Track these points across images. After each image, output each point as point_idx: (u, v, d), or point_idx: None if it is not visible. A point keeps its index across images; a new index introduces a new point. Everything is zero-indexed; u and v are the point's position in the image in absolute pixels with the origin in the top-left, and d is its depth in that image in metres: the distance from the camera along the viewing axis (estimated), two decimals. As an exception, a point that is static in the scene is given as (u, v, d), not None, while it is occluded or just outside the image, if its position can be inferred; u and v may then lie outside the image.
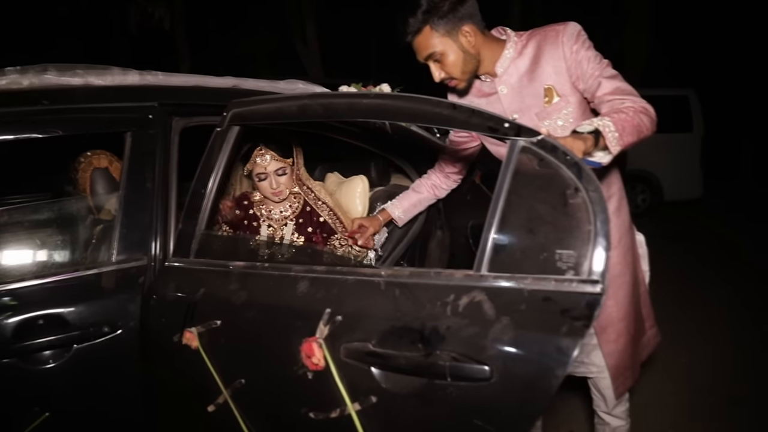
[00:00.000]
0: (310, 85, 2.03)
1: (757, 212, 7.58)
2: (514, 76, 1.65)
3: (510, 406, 0.99)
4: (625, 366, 1.83)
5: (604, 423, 1.97)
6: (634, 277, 1.84)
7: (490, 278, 1.04)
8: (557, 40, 1.57)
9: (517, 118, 1.67)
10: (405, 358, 1.07)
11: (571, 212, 1.02)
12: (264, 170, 1.94)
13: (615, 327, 1.79)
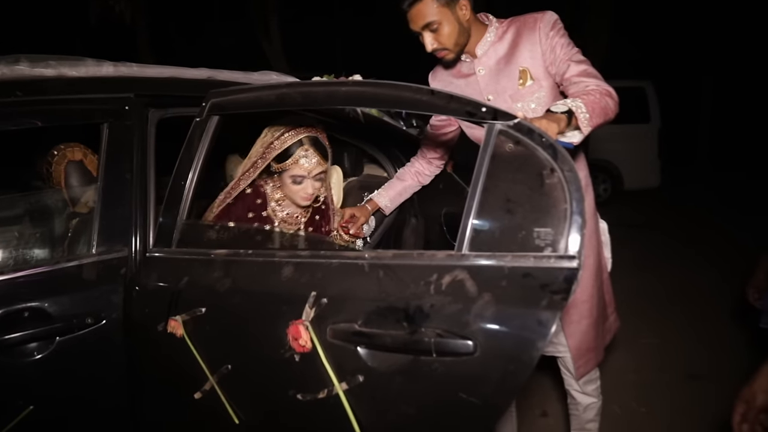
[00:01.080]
0: (283, 76, 2.01)
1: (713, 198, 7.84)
2: (492, 58, 1.70)
3: (493, 378, 1.01)
4: (587, 347, 1.87)
5: (576, 402, 2.03)
6: (597, 262, 1.89)
7: (472, 257, 1.06)
8: (535, 26, 1.63)
9: (492, 99, 1.71)
10: (390, 336, 1.08)
11: (547, 192, 1.04)
12: (305, 173, 1.74)
13: (578, 308, 1.84)
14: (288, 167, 1.75)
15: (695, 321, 3.66)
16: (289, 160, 1.74)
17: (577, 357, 1.87)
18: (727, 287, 3.90)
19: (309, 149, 1.73)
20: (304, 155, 1.73)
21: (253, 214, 1.78)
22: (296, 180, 1.76)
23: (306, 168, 1.74)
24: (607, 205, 6.72)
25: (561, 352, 1.89)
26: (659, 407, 2.69)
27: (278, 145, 1.72)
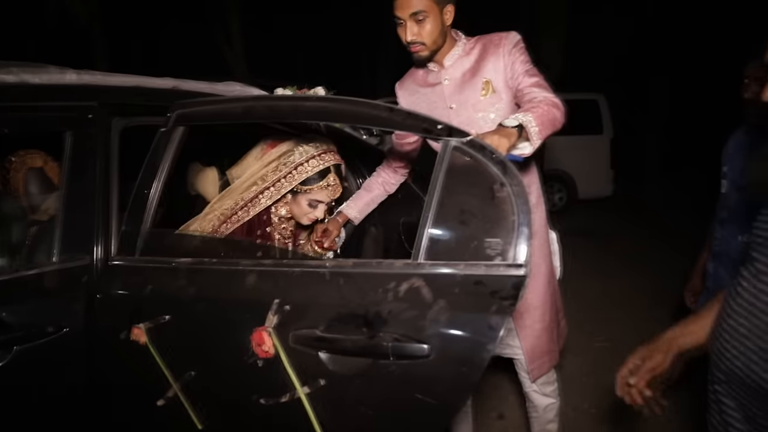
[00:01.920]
0: (247, 87, 2.02)
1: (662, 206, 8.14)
2: (458, 70, 1.78)
3: (447, 379, 1.07)
4: (541, 351, 1.94)
5: (535, 404, 2.09)
6: (549, 269, 1.97)
7: (427, 266, 1.12)
8: (500, 43, 1.73)
9: (455, 107, 1.79)
10: (350, 341, 1.13)
11: (497, 205, 1.11)
12: (326, 199, 1.76)
13: (531, 313, 1.91)
14: (311, 191, 1.74)
15: (643, 323, 3.78)
16: (314, 185, 1.73)
17: (531, 360, 1.94)
18: (673, 291, 4.08)
19: (336, 179, 1.75)
20: (332, 184, 1.75)
21: (260, 231, 1.77)
22: (312, 204, 1.76)
23: (328, 196, 1.76)
24: (561, 214, 6.91)
25: (518, 355, 1.95)
26: (608, 408, 2.79)
27: (309, 168, 1.71)
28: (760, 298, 1.04)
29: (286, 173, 1.72)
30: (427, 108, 1.85)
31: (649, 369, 1.22)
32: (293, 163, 1.71)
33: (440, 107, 1.81)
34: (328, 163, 1.73)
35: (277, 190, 1.74)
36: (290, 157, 1.72)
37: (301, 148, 1.72)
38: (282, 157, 1.73)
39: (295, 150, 1.72)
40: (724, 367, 1.11)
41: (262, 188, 1.73)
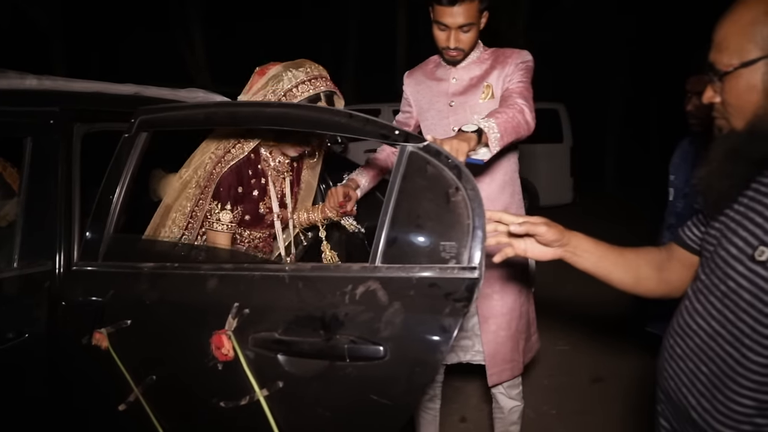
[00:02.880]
0: (210, 94, 2.02)
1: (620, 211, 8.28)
2: (468, 74, 1.86)
3: (402, 380, 1.08)
4: (503, 359, 1.95)
5: (500, 406, 2.11)
6: (522, 279, 2.00)
7: (384, 269, 1.13)
8: (511, 55, 1.84)
9: (454, 104, 1.86)
10: (308, 343, 1.13)
11: (452, 209, 1.13)
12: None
13: (497, 319, 1.93)
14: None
15: (602, 327, 3.87)
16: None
17: (491, 365, 1.95)
18: (629, 295, 4.14)
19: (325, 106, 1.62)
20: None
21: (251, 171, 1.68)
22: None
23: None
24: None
25: (480, 361, 1.98)
26: (567, 409, 2.85)
27: (298, 94, 1.58)
28: (694, 318, 1.03)
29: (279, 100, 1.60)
30: (428, 99, 1.94)
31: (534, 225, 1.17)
32: (282, 90, 1.58)
33: (441, 101, 1.89)
34: (319, 89, 1.61)
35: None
36: (279, 83, 1.60)
37: (290, 74, 1.60)
38: (270, 84, 1.61)
39: (283, 76, 1.61)
40: (662, 386, 1.12)
41: None
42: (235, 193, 1.64)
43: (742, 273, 0.92)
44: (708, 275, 1.02)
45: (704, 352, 0.99)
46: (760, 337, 0.89)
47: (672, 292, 1.21)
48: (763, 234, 0.90)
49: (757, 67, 0.88)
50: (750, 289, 0.91)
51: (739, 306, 0.92)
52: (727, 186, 0.96)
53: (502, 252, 1.20)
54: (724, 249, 0.98)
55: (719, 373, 0.95)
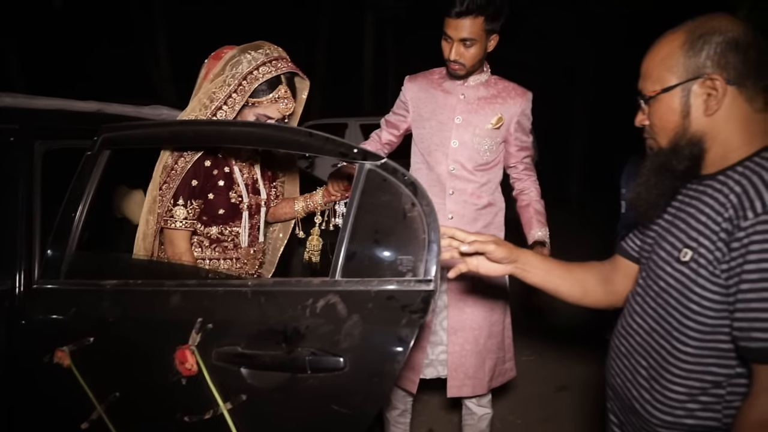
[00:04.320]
0: (173, 111, 2.02)
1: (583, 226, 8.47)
2: (475, 93, 1.95)
3: (361, 390, 1.11)
4: (465, 373, 1.99)
5: (471, 412, 2.15)
6: (498, 301, 2.06)
7: (343, 283, 1.16)
8: (523, 95, 1.99)
9: (460, 121, 1.93)
10: (270, 356, 1.16)
11: (409, 224, 1.17)
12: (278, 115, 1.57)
13: (464, 333, 1.98)
14: (258, 105, 1.55)
15: (566, 336, 3.92)
16: (263, 98, 1.54)
17: (452, 377, 1.98)
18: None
19: (287, 91, 1.56)
20: (283, 97, 1.56)
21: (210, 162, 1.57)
22: (260, 119, 1.56)
23: (279, 111, 1.57)
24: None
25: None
26: (533, 417, 2.91)
27: (259, 76, 1.50)
28: (634, 318, 1.12)
29: (235, 86, 1.51)
30: (431, 108, 1.99)
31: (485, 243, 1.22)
32: (241, 73, 1.50)
33: (446, 114, 1.96)
34: (281, 70, 1.54)
35: (231, 107, 1.51)
36: (237, 67, 1.51)
37: (249, 56, 1.52)
38: (228, 69, 1.52)
39: (242, 58, 1.52)
40: (610, 383, 1.19)
41: (214, 109, 1.51)
42: (189, 187, 1.55)
43: (670, 273, 1.03)
44: (644, 278, 1.12)
45: (643, 348, 1.08)
46: (686, 329, 0.99)
47: (618, 302, 1.28)
48: (686, 238, 1.01)
49: (675, 92, 1.00)
50: (677, 287, 1.01)
51: (669, 303, 1.02)
52: (654, 196, 1.07)
53: (456, 267, 1.26)
54: (656, 254, 1.08)
55: (656, 365, 1.04)
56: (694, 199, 1.03)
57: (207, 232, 1.62)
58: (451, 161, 1.96)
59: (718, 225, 0.95)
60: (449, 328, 1.99)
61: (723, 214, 0.95)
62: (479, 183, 2.00)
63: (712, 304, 0.95)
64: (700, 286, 0.96)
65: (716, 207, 0.97)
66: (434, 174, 1.99)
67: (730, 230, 0.92)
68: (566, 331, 4.07)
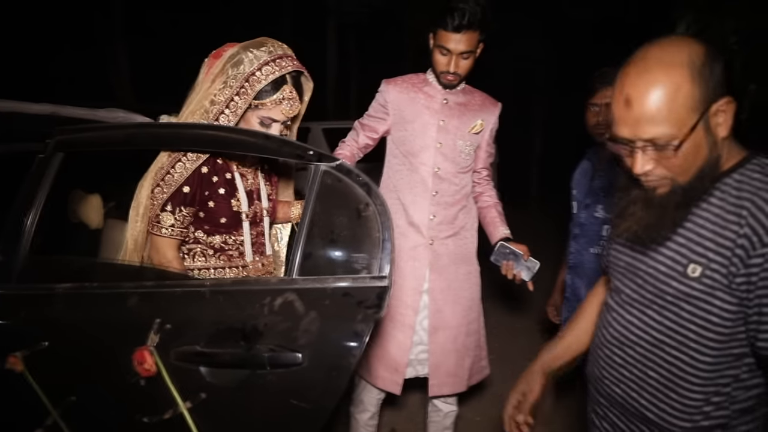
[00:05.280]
0: (130, 114, 2.01)
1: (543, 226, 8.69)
2: (456, 99, 2.04)
3: (319, 384, 1.15)
4: (446, 371, 2.05)
5: (438, 409, 2.20)
6: (474, 300, 2.14)
7: (300, 281, 1.20)
8: (496, 106, 2.12)
9: (443, 124, 2.02)
10: (229, 354, 1.18)
11: (363, 223, 1.22)
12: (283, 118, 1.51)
13: (445, 332, 2.04)
14: (262, 107, 1.47)
15: (524, 337, 4.05)
16: (267, 99, 1.46)
17: (433, 376, 2.04)
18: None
19: (292, 91, 1.49)
20: (288, 98, 1.48)
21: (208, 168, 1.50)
22: (264, 122, 1.49)
23: (283, 113, 1.49)
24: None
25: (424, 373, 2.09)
26: (492, 416, 2.95)
27: (262, 77, 1.43)
28: (630, 330, 1.13)
29: (237, 89, 1.43)
30: (414, 110, 2.03)
31: (532, 402, 1.32)
32: (243, 74, 1.42)
33: (429, 116, 2.02)
34: (285, 69, 1.46)
35: (234, 112, 1.45)
36: (239, 67, 1.43)
37: (251, 54, 1.44)
38: (228, 68, 1.45)
39: (243, 57, 1.44)
40: (604, 392, 1.21)
41: (216, 113, 1.44)
42: (180, 194, 1.47)
43: (677, 288, 1.04)
44: (636, 290, 1.13)
45: (650, 359, 1.10)
46: (705, 340, 1.02)
47: None
48: (690, 253, 1.02)
49: (699, 127, 0.96)
50: (690, 301, 1.02)
51: (681, 316, 1.04)
52: (670, 227, 1.04)
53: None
54: (651, 267, 1.09)
55: (670, 376, 1.07)
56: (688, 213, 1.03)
57: (210, 242, 1.55)
58: (436, 163, 2.03)
59: (732, 241, 0.97)
60: (430, 328, 2.05)
61: (738, 231, 0.96)
62: (460, 185, 2.08)
63: (731, 315, 0.99)
64: (719, 299, 0.99)
65: (726, 223, 0.98)
66: (418, 175, 2.04)
67: (748, 246, 0.95)
68: (527, 332, 4.18)
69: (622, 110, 0.98)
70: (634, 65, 0.98)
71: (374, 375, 2.09)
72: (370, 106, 2.14)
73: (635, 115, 0.96)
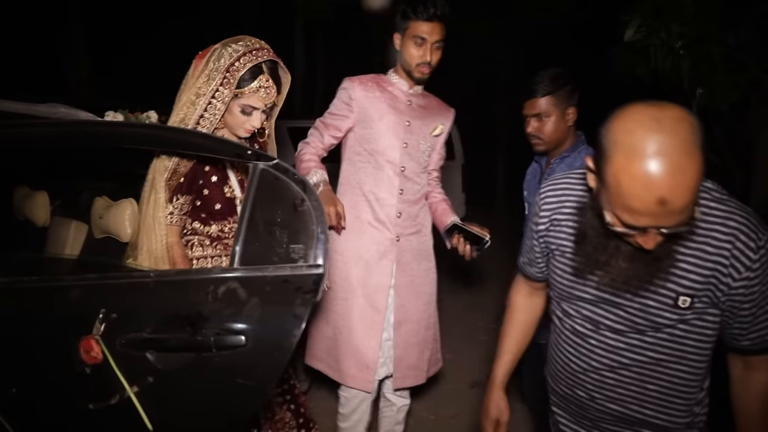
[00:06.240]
0: (72, 109, 1.98)
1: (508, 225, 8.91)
2: (417, 101, 2.18)
3: (262, 363, 1.26)
4: (408, 364, 2.15)
5: (391, 403, 2.30)
6: (433, 296, 2.26)
7: (242, 270, 1.30)
8: (450, 112, 2.28)
9: (409, 124, 2.12)
10: (176, 339, 1.27)
11: (299, 217, 1.34)
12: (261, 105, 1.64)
13: (408, 326, 2.14)
14: (242, 95, 1.59)
15: (482, 335, 4.15)
16: (245, 88, 1.58)
17: (397, 369, 2.14)
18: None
19: (269, 80, 1.62)
20: (265, 86, 1.60)
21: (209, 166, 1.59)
22: (245, 110, 1.61)
23: (261, 100, 1.62)
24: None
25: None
26: (444, 413, 3.08)
27: (241, 66, 1.55)
28: (622, 354, 1.20)
29: (221, 79, 1.56)
30: (380, 110, 2.09)
31: (506, 424, 1.45)
32: (224, 66, 1.55)
33: (395, 116, 2.09)
34: (261, 58, 1.59)
35: (221, 101, 1.57)
36: (220, 61, 1.57)
37: (230, 49, 1.58)
38: (211, 62, 1.57)
39: (224, 52, 1.58)
40: (594, 409, 1.27)
41: (203, 104, 1.56)
42: (177, 184, 1.58)
43: (672, 318, 1.14)
44: (621, 321, 1.19)
45: (649, 376, 1.20)
46: (702, 349, 1.17)
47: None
48: (678, 287, 1.11)
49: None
50: (685, 323, 1.14)
51: (678, 335, 1.16)
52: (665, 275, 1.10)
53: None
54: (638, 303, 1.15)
55: (671, 386, 1.20)
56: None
57: (207, 231, 1.64)
58: (402, 162, 2.11)
59: (716, 271, 1.08)
60: (395, 323, 2.13)
61: (722, 262, 1.08)
62: (421, 184, 2.21)
63: (719, 323, 1.16)
64: (711, 314, 1.13)
65: (706, 255, 1.08)
66: (384, 173, 2.11)
67: (735, 275, 1.08)
68: (483, 330, 4.30)
69: (652, 207, 0.93)
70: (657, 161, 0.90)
71: (345, 374, 2.12)
72: (332, 104, 2.16)
73: (670, 211, 0.93)
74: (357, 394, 2.17)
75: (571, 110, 2.05)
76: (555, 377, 1.35)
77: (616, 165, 0.94)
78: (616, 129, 0.95)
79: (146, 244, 1.55)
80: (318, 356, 2.22)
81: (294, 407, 1.78)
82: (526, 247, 1.43)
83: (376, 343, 2.11)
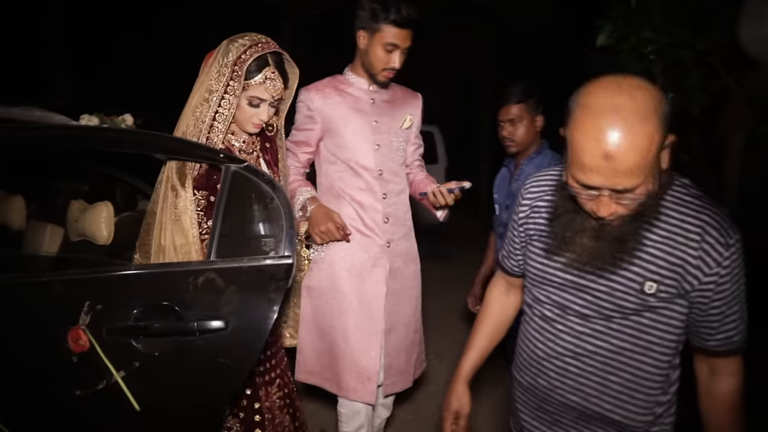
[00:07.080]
0: (47, 113, 1.98)
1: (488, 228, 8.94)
2: (381, 96, 2.11)
3: (242, 344, 1.41)
4: (398, 369, 2.12)
5: (377, 414, 2.27)
6: (418, 298, 2.24)
7: (219, 262, 1.44)
8: (417, 98, 2.23)
9: (377, 123, 2.07)
10: (161, 325, 1.39)
11: (270, 214, 1.50)
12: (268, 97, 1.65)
13: (398, 330, 2.13)
14: (249, 87, 1.62)
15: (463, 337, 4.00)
16: (251, 80, 1.61)
17: (387, 375, 2.10)
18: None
19: (275, 72, 1.65)
20: (271, 77, 1.63)
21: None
22: (253, 102, 1.64)
23: (268, 92, 1.64)
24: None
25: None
26: (424, 414, 3.13)
27: (248, 58, 1.57)
28: (586, 340, 1.18)
29: (230, 74, 1.59)
30: (344, 115, 2.03)
31: (466, 417, 1.43)
32: (232, 59, 1.58)
33: (359, 120, 2.03)
34: (266, 50, 1.62)
35: (233, 95, 1.60)
36: (228, 55, 1.59)
37: (236, 44, 1.61)
38: (219, 58, 1.60)
39: (230, 47, 1.61)
40: (555, 401, 1.25)
41: (217, 100, 1.59)
42: (196, 175, 1.59)
43: (637, 303, 1.12)
44: (588, 305, 1.18)
45: (611, 366, 1.17)
46: (668, 342, 1.15)
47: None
48: (644, 271, 1.10)
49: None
50: (651, 311, 1.12)
51: (643, 324, 1.13)
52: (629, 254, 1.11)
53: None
54: (604, 285, 1.15)
55: (633, 378, 1.16)
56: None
57: None
58: (378, 165, 2.06)
59: (684, 261, 1.08)
60: (385, 330, 2.08)
61: (691, 253, 1.07)
62: (402, 183, 2.16)
63: (686, 316, 1.13)
64: (678, 305, 1.11)
65: (675, 243, 1.08)
66: (362, 180, 2.05)
67: (704, 267, 1.07)
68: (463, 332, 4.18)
69: (599, 162, 0.97)
70: (608, 117, 0.96)
71: (346, 388, 2.06)
72: (295, 120, 2.11)
73: (615, 168, 0.97)
74: (358, 408, 2.11)
75: (539, 118, 2.37)
76: (520, 367, 1.36)
77: (575, 122, 1.01)
78: (582, 92, 1.02)
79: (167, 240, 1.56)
80: (311, 371, 2.15)
81: (292, 411, 1.87)
82: (507, 239, 1.45)
83: (376, 354, 2.06)
